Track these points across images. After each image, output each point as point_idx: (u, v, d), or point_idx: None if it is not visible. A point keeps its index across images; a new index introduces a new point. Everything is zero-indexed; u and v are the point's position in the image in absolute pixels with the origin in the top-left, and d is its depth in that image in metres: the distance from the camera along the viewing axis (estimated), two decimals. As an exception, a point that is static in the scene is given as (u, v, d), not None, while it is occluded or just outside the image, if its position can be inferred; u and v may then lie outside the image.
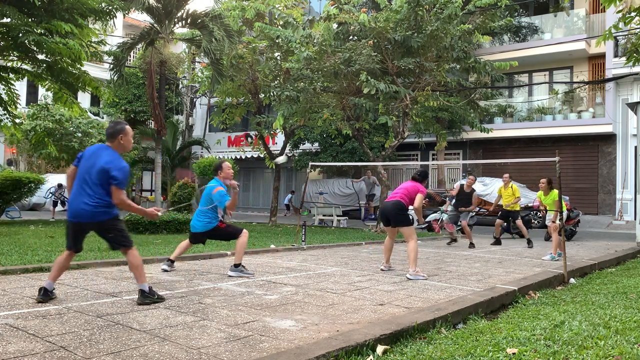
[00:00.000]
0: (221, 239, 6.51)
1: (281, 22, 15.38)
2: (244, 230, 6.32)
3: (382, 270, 6.87)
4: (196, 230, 6.40)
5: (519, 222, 11.42)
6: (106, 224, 4.46)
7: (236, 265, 6.20)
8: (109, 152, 4.50)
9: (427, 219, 15.32)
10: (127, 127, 4.63)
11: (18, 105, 14.03)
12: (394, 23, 12.87)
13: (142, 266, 4.55)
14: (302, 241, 9.73)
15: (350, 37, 14.02)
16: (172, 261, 6.51)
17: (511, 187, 11.24)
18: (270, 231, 13.58)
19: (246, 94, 17.59)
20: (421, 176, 7.14)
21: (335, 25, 13.90)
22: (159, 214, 4.96)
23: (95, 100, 27.00)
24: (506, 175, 11.50)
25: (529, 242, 11.00)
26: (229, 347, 3.23)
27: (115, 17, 13.59)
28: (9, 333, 3.43)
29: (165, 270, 6.36)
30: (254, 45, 16.21)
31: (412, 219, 7.10)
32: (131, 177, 27.19)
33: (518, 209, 11.38)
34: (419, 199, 6.80)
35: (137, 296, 4.50)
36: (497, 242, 11.39)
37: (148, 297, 4.46)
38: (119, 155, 4.54)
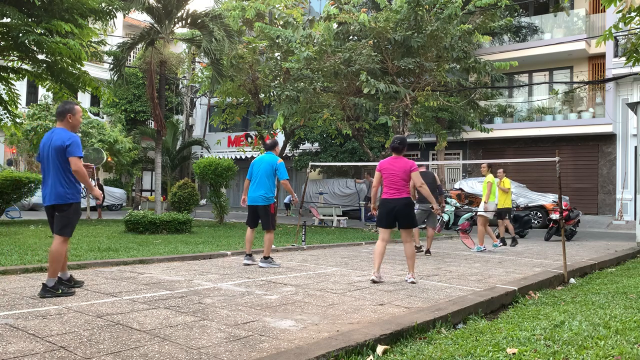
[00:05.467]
0: (262, 220, 7.14)
1: (281, 22, 15.38)
2: (274, 229, 7.20)
3: (373, 281, 5.82)
4: (256, 203, 7.07)
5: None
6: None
7: (265, 258, 7.04)
8: (59, 131, 4.79)
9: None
10: (77, 106, 4.94)
11: (18, 105, 14.04)
12: (394, 23, 12.88)
13: (61, 262, 4.75)
14: (302, 241, 9.74)
15: (350, 37, 14.02)
16: (251, 255, 7.18)
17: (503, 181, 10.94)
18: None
19: (246, 94, 17.59)
20: (403, 144, 6.05)
21: (335, 25, 13.90)
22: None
23: (95, 100, 27.00)
24: (500, 170, 11.10)
25: (504, 241, 10.91)
26: (229, 347, 3.23)
27: (115, 17, 13.59)
28: (9, 333, 3.43)
29: (247, 264, 7.05)
30: (254, 45, 16.21)
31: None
32: (131, 177, 27.20)
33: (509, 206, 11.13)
34: (417, 177, 5.88)
35: (138, 295, 4.49)
36: (514, 240, 11.16)
37: (49, 292, 4.58)
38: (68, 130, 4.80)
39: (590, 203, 20.18)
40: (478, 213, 10.07)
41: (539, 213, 17.34)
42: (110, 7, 12.91)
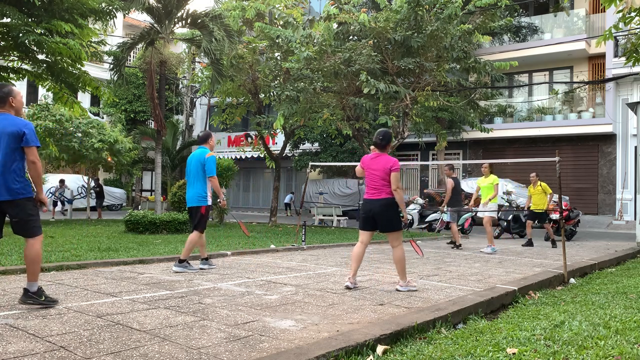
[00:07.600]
0: (192, 220, 6.70)
1: (281, 22, 15.39)
2: (199, 231, 6.55)
3: (347, 287, 5.37)
4: (190, 204, 6.63)
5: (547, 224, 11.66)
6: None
7: (180, 261, 6.46)
8: (7, 115, 4.13)
9: (427, 219, 15.33)
10: (16, 88, 4.31)
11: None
12: (394, 23, 12.87)
13: (40, 263, 4.26)
14: (302, 241, 9.73)
15: (350, 37, 14.01)
16: (205, 259, 6.80)
17: (540, 185, 11.28)
18: (270, 231, 13.57)
19: (246, 94, 17.60)
20: (385, 139, 5.40)
21: (335, 25, 13.89)
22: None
23: (95, 100, 27.01)
24: (533, 174, 11.48)
25: (553, 242, 11.16)
26: (229, 347, 3.23)
27: (115, 17, 13.60)
28: (9, 333, 3.43)
29: (202, 269, 6.62)
30: (254, 45, 16.21)
31: (413, 219, 6.83)
32: (131, 177, 27.20)
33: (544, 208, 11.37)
34: (394, 179, 5.23)
35: (138, 295, 4.49)
36: (529, 243, 11.29)
37: (32, 298, 4.16)
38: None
39: (590, 203, 20.18)
40: (486, 214, 10.06)
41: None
42: (110, 7, 12.91)
